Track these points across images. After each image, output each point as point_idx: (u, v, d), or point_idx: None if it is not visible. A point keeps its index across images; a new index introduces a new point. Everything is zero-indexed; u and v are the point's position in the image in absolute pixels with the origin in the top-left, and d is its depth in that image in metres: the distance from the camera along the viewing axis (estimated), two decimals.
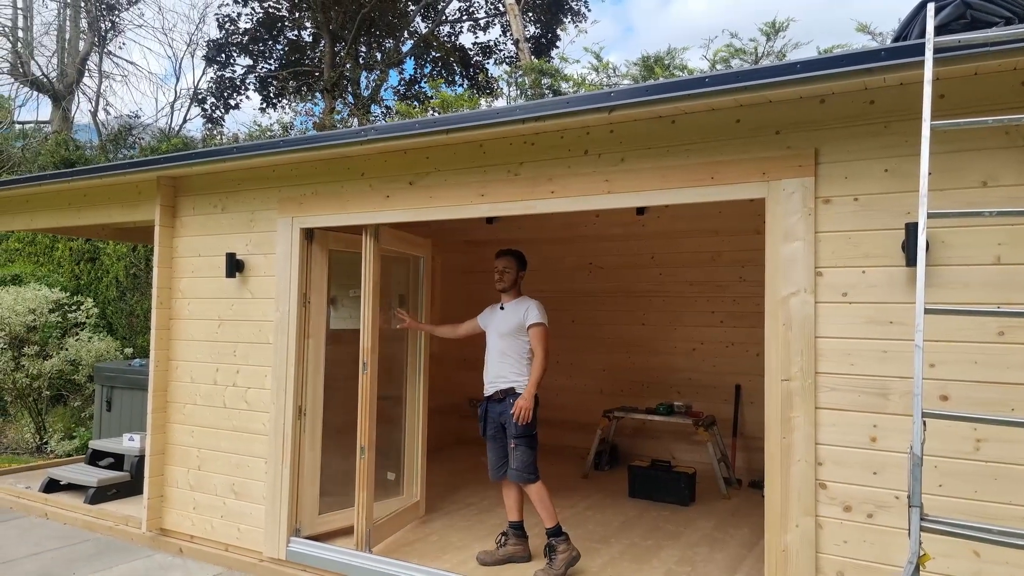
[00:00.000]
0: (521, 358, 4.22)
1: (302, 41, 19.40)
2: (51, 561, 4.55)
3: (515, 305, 4.31)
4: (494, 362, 4.26)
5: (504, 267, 4.35)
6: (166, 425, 4.99)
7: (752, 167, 3.14)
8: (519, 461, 4.09)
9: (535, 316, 4.20)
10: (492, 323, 4.37)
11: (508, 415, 4.14)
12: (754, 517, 5.21)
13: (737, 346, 6.67)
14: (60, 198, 5.74)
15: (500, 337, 4.25)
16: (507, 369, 4.22)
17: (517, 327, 4.22)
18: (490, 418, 4.28)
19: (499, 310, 4.39)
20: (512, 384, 4.20)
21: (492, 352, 4.29)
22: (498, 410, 4.23)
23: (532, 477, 4.10)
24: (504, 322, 4.27)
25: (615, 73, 11.72)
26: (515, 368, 4.22)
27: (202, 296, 4.89)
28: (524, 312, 4.22)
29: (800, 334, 3.02)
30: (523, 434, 4.10)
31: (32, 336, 8.16)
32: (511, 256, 4.37)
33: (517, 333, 4.22)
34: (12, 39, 16.43)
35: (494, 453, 4.29)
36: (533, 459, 4.13)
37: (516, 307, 4.30)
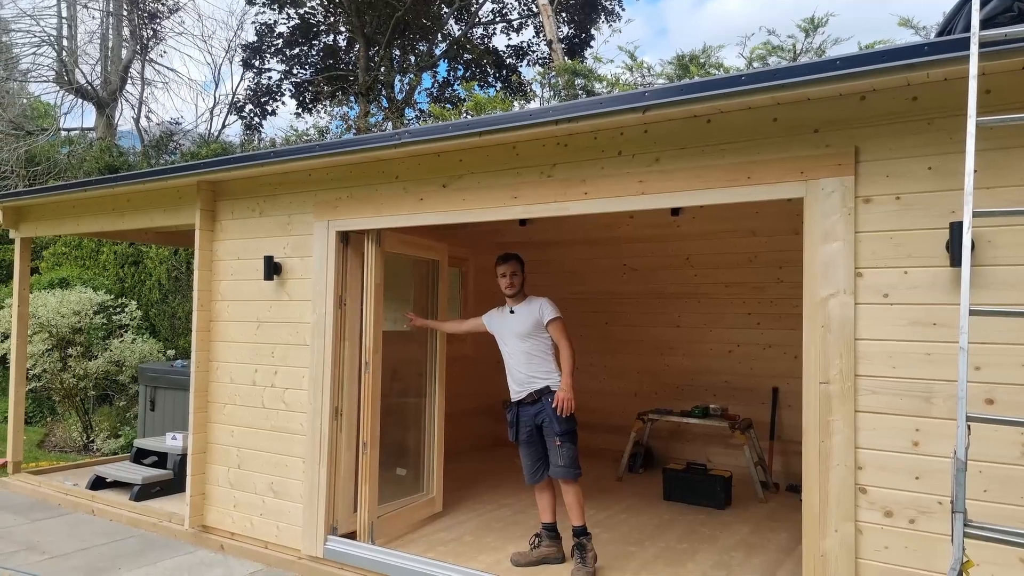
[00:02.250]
0: (547, 355, 4.21)
1: (337, 46, 19.70)
2: (97, 556, 4.70)
3: (526, 306, 4.29)
4: (521, 364, 4.23)
5: (512, 272, 4.31)
6: (207, 425, 5.12)
7: (790, 166, 3.09)
8: (566, 457, 4.08)
9: (551, 311, 4.20)
10: (505, 327, 4.32)
11: (547, 415, 4.11)
12: (791, 522, 5.12)
13: (774, 348, 6.56)
14: (105, 203, 5.93)
15: (521, 339, 4.22)
16: (536, 369, 4.20)
17: (535, 326, 4.21)
18: (523, 422, 4.24)
19: (509, 313, 4.34)
20: (546, 383, 4.17)
21: (515, 355, 4.26)
22: (532, 412, 4.20)
23: (579, 472, 4.12)
24: (520, 324, 4.24)
25: (649, 73, 11.63)
26: (544, 367, 4.20)
27: (241, 299, 5.00)
28: (538, 310, 4.21)
29: (839, 336, 2.96)
30: (567, 430, 4.10)
31: (77, 338, 8.44)
32: (516, 260, 4.33)
33: (536, 332, 4.21)
34: (57, 48, 17.01)
35: (529, 458, 4.28)
36: (577, 453, 4.13)
37: (528, 307, 4.27)
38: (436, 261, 5.22)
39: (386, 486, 4.70)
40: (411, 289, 5.26)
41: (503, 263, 4.32)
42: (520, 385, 4.24)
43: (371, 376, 4.49)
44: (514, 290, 4.31)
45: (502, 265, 4.32)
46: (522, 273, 4.36)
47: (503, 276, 4.32)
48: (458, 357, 7.45)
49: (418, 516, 4.95)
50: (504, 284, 4.32)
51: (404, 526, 4.76)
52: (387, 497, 4.74)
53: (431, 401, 5.16)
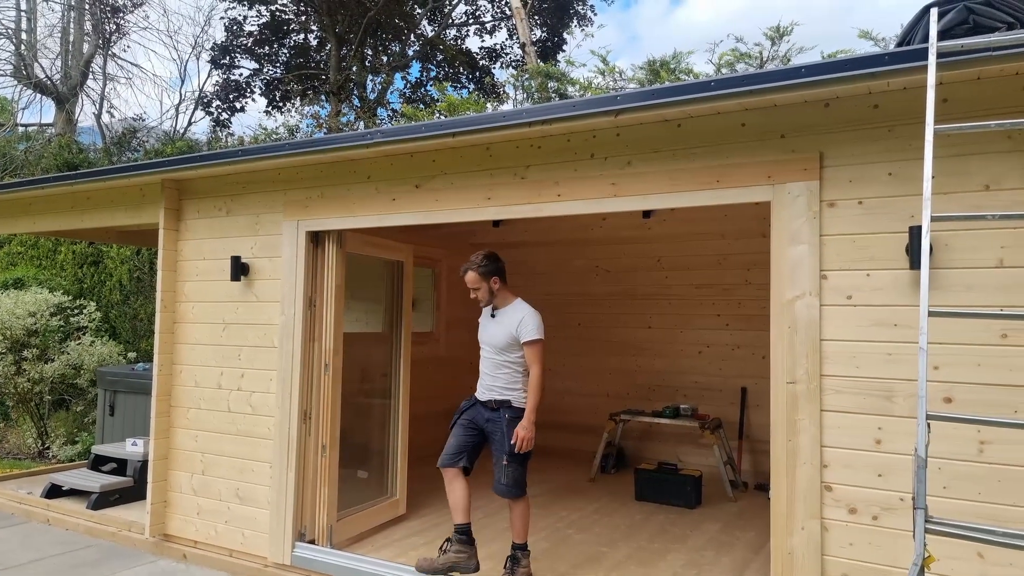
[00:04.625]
0: (517, 372, 3.89)
1: (308, 44, 19.45)
2: (53, 567, 4.55)
3: (508, 313, 3.91)
4: (488, 371, 3.94)
5: (473, 287, 3.91)
6: (170, 430, 5.01)
7: (758, 170, 3.15)
8: (511, 477, 3.77)
9: (530, 331, 3.80)
10: (486, 333, 4.00)
11: (500, 429, 3.80)
12: (760, 520, 5.21)
13: (743, 349, 6.67)
14: (63, 201, 5.76)
15: (496, 351, 3.90)
16: (502, 382, 3.88)
17: (511, 341, 3.85)
18: (469, 414, 3.94)
19: (491, 317, 3.99)
20: (508, 397, 3.86)
21: (486, 361, 3.96)
22: (486, 416, 3.89)
23: (521, 493, 3.82)
24: (498, 333, 3.89)
25: (621, 77, 11.73)
26: (511, 382, 3.88)
27: (207, 300, 4.91)
28: (518, 325, 3.82)
29: (805, 337, 3.02)
30: (520, 455, 3.79)
31: (32, 340, 8.17)
32: (473, 271, 3.88)
33: (511, 348, 3.86)
34: (15, 41, 16.52)
35: (455, 439, 3.90)
36: (524, 474, 3.83)
37: (508, 316, 3.89)
38: (401, 262, 5.19)
39: (349, 489, 4.67)
40: (382, 290, 5.23)
41: (464, 276, 3.94)
42: (484, 390, 3.96)
43: (331, 378, 4.46)
44: (483, 302, 3.97)
45: (463, 278, 3.95)
46: (488, 281, 3.89)
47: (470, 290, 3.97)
48: (429, 358, 7.42)
49: (380, 518, 4.92)
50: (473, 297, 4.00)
51: (365, 529, 4.73)
52: (351, 500, 4.71)
53: (395, 402, 5.14)
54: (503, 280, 3.95)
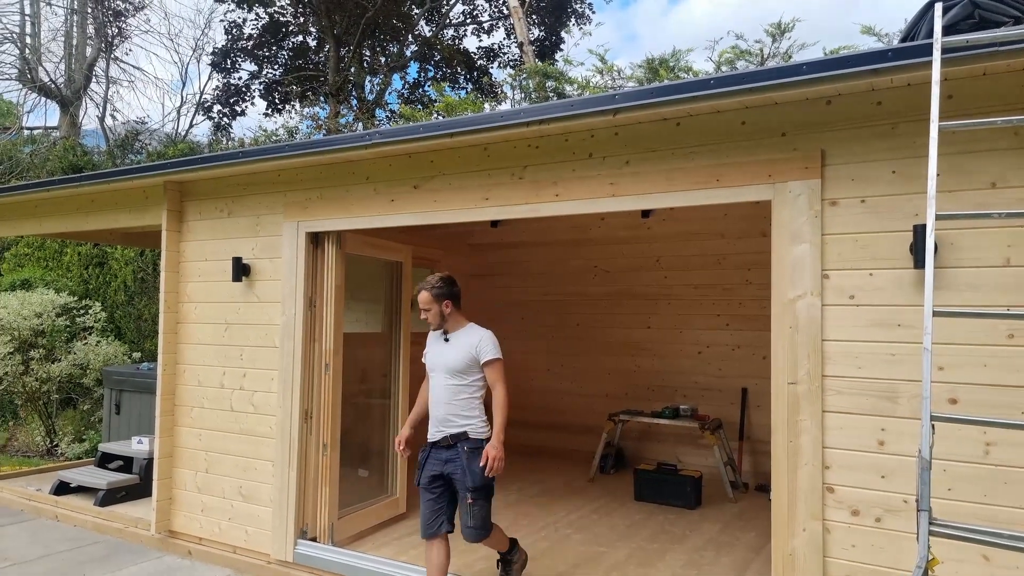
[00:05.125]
0: (474, 398, 3.62)
1: (306, 46, 19.47)
2: (62, 563, 4.57)
3: (462, 336, 3.66)
4: (442, 402, 3.63)
5: (425, 308, 3.66)
6: (174, 428, 5.01)
7: (758, 169, 3.13)
8: (478, 518, 3.55)
9: (490, 351, 3.59)
10: (439, 358, 3.69)
11: (459, 465, 3.54)
12: (760, 521, 5.19)
13: (743, 349, 6.64)
14: (68, 203, 5.78)
15: (451, 375, 3.62)
16: (458, 409, 3.60)
17: (469, 362, 3.60)
18: (428, 466, 3.64)
19: (443, 341, 3.71)
20: (464, 428, 3.58)
21: (439, 389, 3.65)
22: (443, 457, 3.59)
23: (488, 534, 3.64)
24: (454, 358, 3.62)
25: (620, 76, 11.71)
26: (468, 410, 3.60)
27: (209, 300, 4.91)
28: (476, 346, 3.60)
29: (807, 337, 3.00)
30: (482, 485, 3.54)
31: (39, 340, 8.21)
32: (427, 291, 3.65)
33: (469, 369, 3.61)
34: (20, 45, 16.56)
35: (427, 507, 3.63)
36: (489, 512, 3.64)
37: (464, 338, 3.64)
38: (400, 263, 5.19)
39: (349, 488, 4.67)
40: (381, 291, 5.22)
41: (417, 295, 3.70)
42: (437, 425, 3.66)
43: (331, 377, 4.47)
44: (434, 325, 3.70)
45: (417, 297, 3.71)
46: (440, 303, 3.65)
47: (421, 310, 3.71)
48: None
49: (381, 517, 4.92)
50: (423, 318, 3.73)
51: (366, 527, 4.73)
52: (352, 499, 4.71)
53: (395, 402, 5.14)
54: (456, 305, 3.69)
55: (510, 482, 6.30)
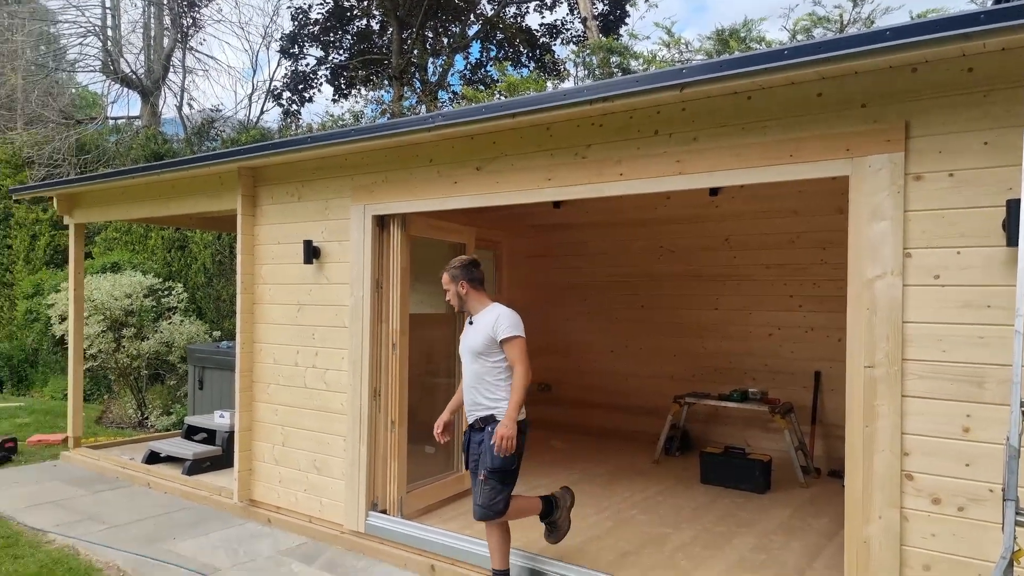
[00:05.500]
0: (498, 380, 3.56)
1: (370, 30, 19.73)
2: (154, 527, 4.89)
3: (483, 316, 3.64)
4: (469, 386, 3.66)
5: (444, 287, 3.72)
6: (252, 404, 5.25)
7: (835, 143, 3.00)
8: (485, 496, 3.52)
9: (506, 328, 3.51)
10: (465, 341, 3.71)
11: (487, 445, 3.52)
12: (833, 507, 5.04)
13: (817, 331, 6.42)
14: (151, 189, 6.09)
15: (474, 357, 3.62)
16: (483, 395, 3.59)
17: (488, 343, 3.55)
18: (471, 449, 3.68)
19: (468, 325, 3.73)
20: (491, 411, 3.57)
21: (467, 375, 3.68)
22: (478, 440, 3.62)
23: (494, 516, 3.56)
24: (474, 339, 3.61)
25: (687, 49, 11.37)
26: (492, 392, 3.57)
27: (282, 282, 5.09)
28: (493, 324, 3.55)
29: (886, 318, 2.87)
30: (498, 468, 3.48)
31: (129, 319, 8.74)
32: (446, 272, 3.71)
33: (489, 350, 3.56)
34: (102, 38, 17.42)
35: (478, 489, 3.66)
36: (504, 497, 3.54)
37: (484, 318, 3.62)
38: (463, 244, 5.24)
39: (416, 464, 4.79)
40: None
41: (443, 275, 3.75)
42: (468, 409, 3.69)
43: (398, 357, 4.58)
44: (455, 307, 3.74)
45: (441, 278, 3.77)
46: (457, 283, 3.67)
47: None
48: None
49: (447, 492, 5.03)
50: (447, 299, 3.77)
51: (433, 501, 4.86)
52: (419, 474, 4.83)
53: (456, 381, 5.21)
54: (473, 287, 3.68)
55: (576, 462, 6.33)
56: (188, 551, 4.43)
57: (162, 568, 4.15)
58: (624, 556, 4.08)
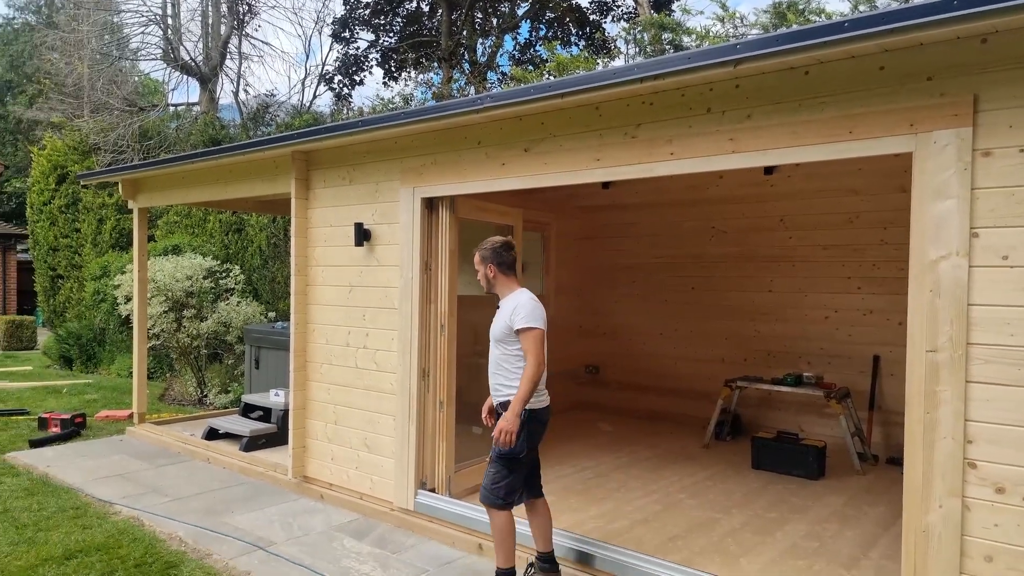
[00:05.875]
0: (514, 368, 3.48)
1: (420, 12, 19.77)
2: (213, 500, 5.11)
3: (507, 302, 3.55)
4: (491, 371, 3.62)
5: (476, 266, 3.67)
6: (306, 383, 5.41)
7: (898, 118, 2.87)
8: (488, 478, 3.48)
9: (522, 319, 3.39)
10: (492, 326, 3.64)
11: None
12: (891, 495, 4.90)
13: (876, 314, 6.20)
14: (209, 174, 6.28)
15: (495, 343, 3.57)
16: (502, 378, 3.53)
17: (505, 330, 3.48)
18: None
19: (498, 309, 3.65)
20: (507, 398, 3.48)
21: (491, 358, 3.63)
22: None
23: (499, 502, 3.46)
24: (496, 324, 3.56)
25: (743, 23, 11.02)
26: (508, 380, 3.50)
27: (334, 264, 5.20)
28: (511, 313, 3.45)
29: (950, 301, 2.76)
30: (503, 453, 3.44)
31: (190, 300, 9.09)
32: (477, 253, 3.65)
33: (506, 338, 3.49)
34: (163, 27, 17.97)
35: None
36: (508, 483, 3.45)
37: (507, 305, 3.53)
38: (510, 226, 5.24)
39: (464, 444, 4.85)
40: None
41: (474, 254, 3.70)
42: (492, 392, 3.65)
43: (446, 338, 4.63)
44: (484, 288, 3.68)
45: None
46: (485, 266, 3.61)
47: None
48: None
49: None
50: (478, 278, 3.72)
51: (479, 481, 4.88)
52: (467, 454, 4.89)
53: None
54: (501, 271, 3.59)
55: (623, 445, 6.31)
56: (245, 524, 4.62)
57: (221, 540, 4.33)
58: (672, 540, 4.07)
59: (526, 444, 3.43)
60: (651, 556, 3.72)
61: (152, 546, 4.18)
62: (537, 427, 3.49)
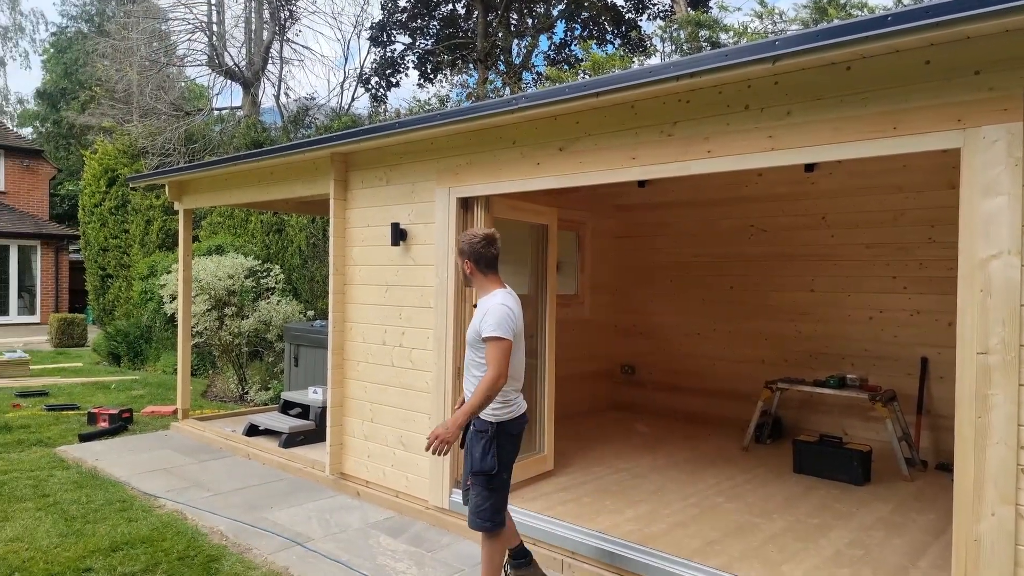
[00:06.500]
0: (481, 373, 3.24)
1: (456, 14, 19.89)
2: (253, 495, 5.22)
3: (481, 304, 3.31)
4: (465, 375, 3.41)
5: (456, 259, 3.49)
6: (343, 381, 5.49)
7: (944, 114, 2.78)
8: (473, 503, 3.29)
9: (488, 327, 3.13)
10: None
11: (468, 440, 3.30)
12: (940, 502, 4.74)
13: (924, 315, 6.01)
14: (252, 176, 6.42)
15: (467, 347, 3.39)
16: (470, 386, 3.32)
17: (474, 335, 3.24)
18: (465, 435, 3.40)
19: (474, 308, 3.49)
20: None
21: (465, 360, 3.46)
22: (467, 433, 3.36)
23: (487, 525, 3.26)
24: (470, 326, 3.34)
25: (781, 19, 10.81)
26: (474, 386, 3.26)
27: (371, 263, 5.27)
28: (481, 316, 3.22)
29: (1002, 301, 2.65)
30: (480, 470, 3.22)
31: (232, 299, 9.31)
32: (457, 246, 3.40)
33: (475, 343, 3.25)
34: (208, 33, 18.45)
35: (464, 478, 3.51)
36: (492, 504, 3.26)
37: (480, 308, 3.29)
38: (545, 225, 5.22)
39: None
40: (528, 253, 5.31)
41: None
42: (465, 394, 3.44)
43: None
44: (465, 284, 3.57)
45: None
46: (463, 260, 3.37)
47: None
48: (575, 320, 7.47)
49: (529, 473, 5.06)
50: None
51: (515, 482, 4.84)
52: None
53: (542, 362, 5.23)
54: (479, 268, 3.34)
55: (660, 447, 6.25)
56: (283, 520, 4.71)
57: (260, 535, 4.43)
58: (710, 544, 4.00)
59: (496, 461, 3.22)
60: (689, 560, 3.68)
61: (194, 540, 4.29)
62: (507, 441, 3.28)
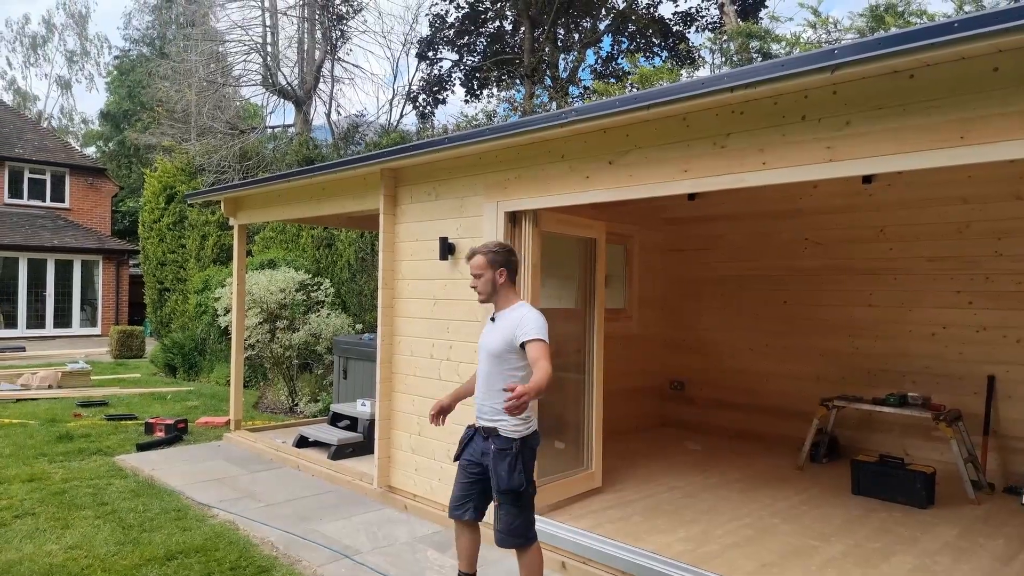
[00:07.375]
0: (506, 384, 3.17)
1: (503, 30, 20.12)
2: (303, 507, 5.30)
3: (508, 315, 3.30)
4: (481, 388, 3.38)
5: (475, 272, 3.35)
6: (391, 394, 5.54)
7: (1016, 122, 2.66)
8: (503, 522, 3.26)
9: (533, 330, 3.14)
10: (484, 338, 3.40)
11: (491, 463, 3.28)
12: (1011, 527, 4.49)
13: (991, 331, 5.74)
14: (304, 192, 6.58)
15: (489, 359, 3.32)
16: (493, 400, 3.27)
17: (505, 346, 3.22)
18: (470, 449, 3.43)
19: (490, 322, 3.41)
20: (495, 423, 3.27)
21: (480, 374, 3.40)
22: (481, 448, 3.36)
23: (521, 541, 3.28)
24: (493, 338, 3.30)
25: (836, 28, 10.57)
26: (498, 401, 3.20)
27: (420, 277, 5.32)
28: (518, 324, 3.20)
29: None
30: (509, 489, 3.21)
31: (283, 312, 9.53)
32: (481, 255, 3.34)
33: (506, 353, 3.23)
34: (263, 54, 19.09)
35: (459, 486, 3.48)
36: (524, 518, 3.27)
37: (509, 317, 3.28)
38: (594, 239, 5.19)
39: (546, 459, 4.81)
40: (575, 267, 5.29)
41: (469, 260, 3.41)
42: (477, 411, 3.42)
43: None
44: (481, 296, 3.39)
45: (469, 262, 3.41)
46: (494, 271, 3.33)
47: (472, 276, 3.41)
48: (623, 335, 7.39)
49: (576, 489, 5.01)
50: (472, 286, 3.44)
51: (563, 498, 4.86)
52: (549, 469, 4.85)
53: (590, 377, 5.18)
54: (511, 278, 3.35)
55: (711, 465, 6.11)
56: (332, 532, 4.75)
57: (310, 547, 4.47)
58: (765, 567, 3.88)
59: (523, 477, 3.23)
60: None
61: (246, 550, 4.37)
62: (530, 456, 3.30)
